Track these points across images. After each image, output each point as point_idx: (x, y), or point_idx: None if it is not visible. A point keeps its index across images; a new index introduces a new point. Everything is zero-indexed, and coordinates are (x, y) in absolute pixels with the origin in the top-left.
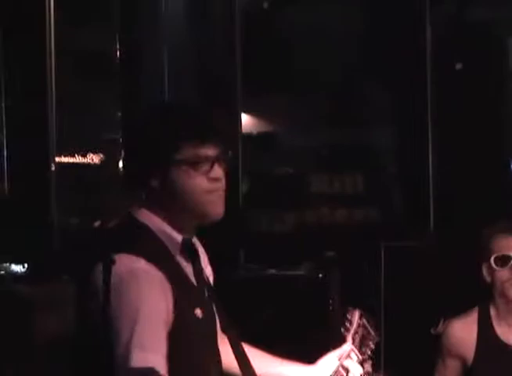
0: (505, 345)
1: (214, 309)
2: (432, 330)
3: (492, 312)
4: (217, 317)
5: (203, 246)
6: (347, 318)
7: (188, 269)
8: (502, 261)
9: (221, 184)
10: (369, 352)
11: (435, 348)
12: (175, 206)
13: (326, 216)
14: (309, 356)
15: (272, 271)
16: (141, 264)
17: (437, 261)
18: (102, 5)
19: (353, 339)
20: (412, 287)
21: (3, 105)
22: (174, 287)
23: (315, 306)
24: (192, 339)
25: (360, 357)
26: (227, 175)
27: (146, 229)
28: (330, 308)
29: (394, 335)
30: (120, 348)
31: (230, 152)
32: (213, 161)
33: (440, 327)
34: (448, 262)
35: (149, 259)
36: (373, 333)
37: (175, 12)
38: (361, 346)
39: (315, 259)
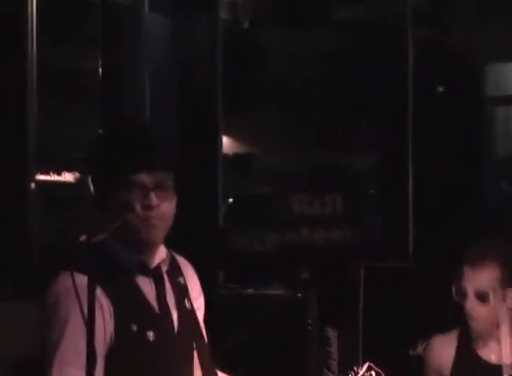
0: (483, 362)
1: (191, 335)
2: (411, 351)
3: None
4: (192, 342)
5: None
6: (353, 370)
7: (150, 290)
8: (462, 293)
9: (157, 212)
10: None
11: (415, 368)
12: (119, 229)
13: (305, 236)
14: None
15: (251, 291)
16: (77, 281)
17: (416, 282)
18: (84, 23)
19: None
20: (391, 308)
21: None
22: (116, 308)
23: (293, 326)
24: (139, 361)
25: None
26: (169, 201)
27: (100, 249)
28: (308, 328)
29: (373, 356)
30: (46, 361)
31: (172, 180)
32: (147, 189)
33: (419, 348)
34: (427, 283)
35: (91, 275)
36: None
37: (157, 32)
38: None
39: (293, 279)
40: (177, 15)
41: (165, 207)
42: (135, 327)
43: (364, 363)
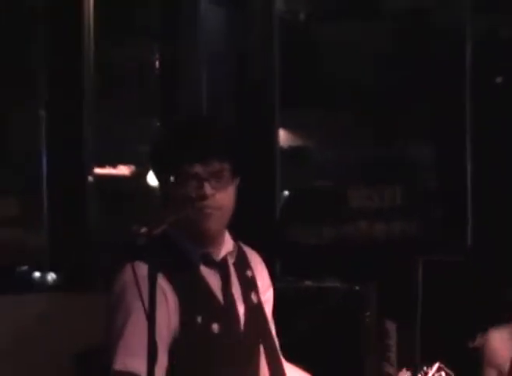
0: None
1: (258, 328)
2: (470, 344)
3: None
4: (260, 334)
5: None
6: (423, 370)
7: (216, 282)
8: None
9: (212, 202)
10: None
11: (473, 362)
12: (181, 221)
13: (363, 230)
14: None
15: (308, 283)
16: (140, 273)
17: (474, 275)
18: (142, 17)
19: None
20: (450, 300)
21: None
22: (180, 299)
23: (350, 319)
24: (203, 354)
25: None
26: (225, 191)
27: (163, 241)
28: (366, 320)
29: (431, 350)
30: (110, 350)
31: (228, 171)
32: (201, 180)
33: (478, 340)
34: (486, 275)
35: (155, 267)
36: None
37: (214, 25)
38: None
39: (351, 273)
40: (233, 6)
41: (220, 197)
42: (199, 319)
43: (434, 363)
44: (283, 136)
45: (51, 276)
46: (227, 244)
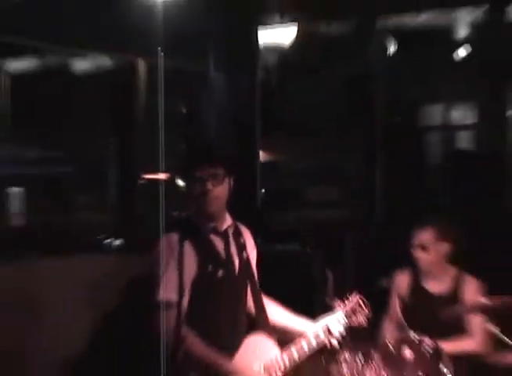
0: (425, 291)
1: (247, 274)
2: (384, 283)
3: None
4: (248, 279)
5: None
6: (347, 298)
7: (220, 244)
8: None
9: (212, 194)
10: (360, 322)
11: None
12: (197, 206)
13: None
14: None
15: (279, 246)
16: (174, 239)
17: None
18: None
19: (346, 309)
20: (372, 258)
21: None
22: (197, 255)
23: (304, 272)
24: (213, 289)
25: (346, 321)
26: (229, 184)
27: (189, 220)
28: (315, 271)
29: (355, 287)
30: (154, 285)
31: (222, 175)
32: (204, 180)
33: (389, 281)
34: (394, 237)
35: (182, 235)
36: (366, 311)
37: (218, 84)
38: (351, 316)
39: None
40: (231, 73)
41: (217, 191)
42: (210, 268)
43: (354, 293)
44: (262, 154)
45: (118, 242)
46: (227, 221)
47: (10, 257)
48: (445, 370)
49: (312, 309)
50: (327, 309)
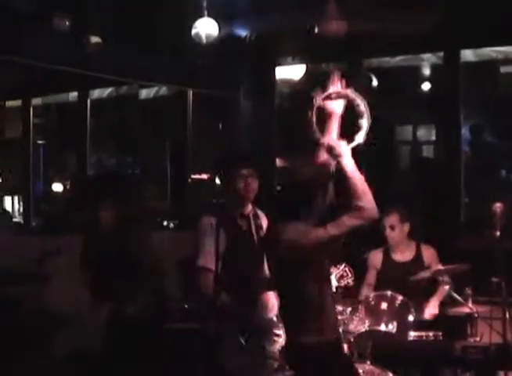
0: (394, 261)
1: (261, 246)
2: (364, 255)
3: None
4: (261, 248)
5: None
6: (335, 266)
7: (245, 225)
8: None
9: (251, 187)
10: (347, 284)
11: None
12: (232, 197)
13: None
14: None
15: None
16: (211, 220)
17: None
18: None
19: (336, 274)
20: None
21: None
22: (228, 232)
23: None
24: (238, 258)
25: (336, 283)
26: (255, 182)
27: (223, 206)
28: None
29: (343, 256)
30: (197, 256)
31: (257, 174)
32: (246, 176)
33: (367, 254)
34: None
35: (216, 219)
36: (351, 275)
37: (246, 110)
38: (340, 279)
39: None
40: (255, 100)
41: (253, 184)
42: (237, 243)
43: (342, 263)
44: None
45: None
46: (249, 208)
47: None
48: (411, 318)
49: None
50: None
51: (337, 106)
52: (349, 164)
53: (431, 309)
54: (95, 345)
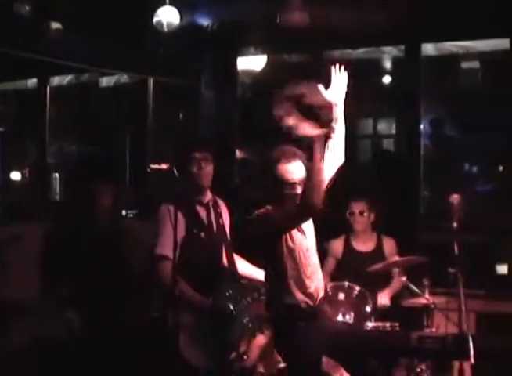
0: (355, 250)
1: (222, 236)
2: (324, 246)
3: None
4: (223, 240)
5: None
6: None
7: (203, 213)
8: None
9: (205, 171)
10: None
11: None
12: (190, 183)
13: None
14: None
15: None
16: (170, 208)
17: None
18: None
19: None
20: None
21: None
22: (187, 220)
23: None
24: (197, 247)
25: None
26: (214, 167)
27: (182, 194)
28: None
29: None
30: (155, 246)
31: (211, 158)
32: (200, 160)
33: (326, 244)
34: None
35: (176, 206)
36: None
37: (207, 99)
38: None
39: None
40: (216, 90)
41: (208, 168)
42: (195, 230)
43: None
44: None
45: (130, 212)
46: (208, 196)
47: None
48: (368, 308)
49: None
50: None
51: (336, 96)
52: (318, 154)
53: (382, 300)
54: (55, 334)
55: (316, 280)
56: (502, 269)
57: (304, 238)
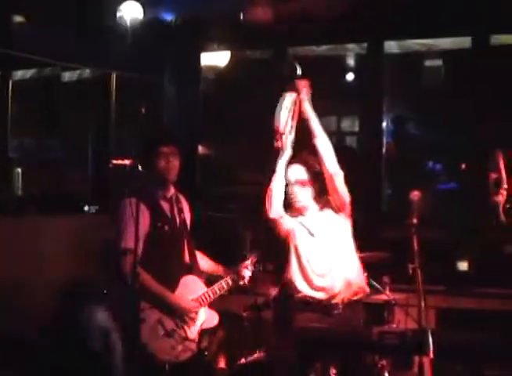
0: None
1: (184, 231)
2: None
3: None
4: (185, 234)
5: None
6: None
7: (167, 207)
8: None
9: (172, 165)
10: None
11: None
12: (154, 177)
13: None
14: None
15: (210, 213)
16: (132, 202)
17: None
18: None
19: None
20: None
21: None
22: (151, 214)
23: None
24: (161, 240)
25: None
26: (180, 161)
27: (145, 187)
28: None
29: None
30: (117, 241)
31: (177, 153)
32: (167, 154)
33: None
34: None
35: (139, 199)
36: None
37: (171, 94)
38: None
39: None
40: (180, 85)
41: (175, 162)
42: (159, 224)
43: (252, 254)
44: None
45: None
46: (171, 190)
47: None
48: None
49: (232, 259)
50: (243, 259)
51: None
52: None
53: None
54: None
55: (331, 279)
56: (462, 265)
57: (313, 238)
